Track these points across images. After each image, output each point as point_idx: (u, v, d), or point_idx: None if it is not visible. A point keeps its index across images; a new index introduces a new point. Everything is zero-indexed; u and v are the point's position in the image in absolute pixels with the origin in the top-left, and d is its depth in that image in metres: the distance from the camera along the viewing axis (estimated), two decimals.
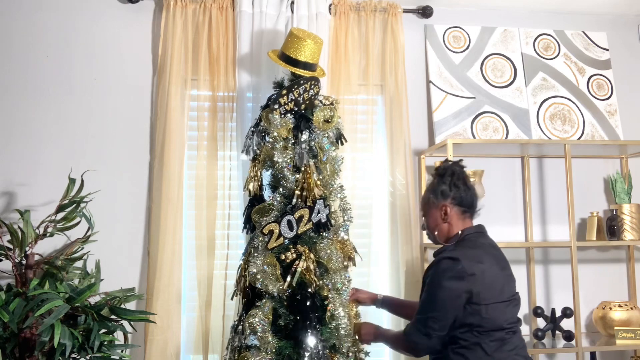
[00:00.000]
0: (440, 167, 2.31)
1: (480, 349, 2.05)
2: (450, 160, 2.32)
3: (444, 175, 2.25)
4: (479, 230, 2.24)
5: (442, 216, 2.23)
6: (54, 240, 2.72)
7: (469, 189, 2.24)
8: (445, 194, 2.22)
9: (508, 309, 2.12)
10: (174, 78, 2.91)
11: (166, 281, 2.77)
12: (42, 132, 2.93)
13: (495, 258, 2.17)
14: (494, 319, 2.06)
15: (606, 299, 3.17)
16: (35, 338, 2.30)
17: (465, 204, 2.23)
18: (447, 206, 2.22)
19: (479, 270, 2.07)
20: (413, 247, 2.97)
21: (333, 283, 2.28)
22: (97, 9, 3.04)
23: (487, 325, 2.05)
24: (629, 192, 3.18)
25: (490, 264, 2.12)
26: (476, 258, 2.10)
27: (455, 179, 2.23)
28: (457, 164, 2.28)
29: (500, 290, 2.11)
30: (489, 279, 2.08)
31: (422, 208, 2.34)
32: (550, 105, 3.27)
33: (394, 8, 3.14)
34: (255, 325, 2.19)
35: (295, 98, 2.44)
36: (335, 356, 2.25)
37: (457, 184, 2.23)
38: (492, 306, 2.06)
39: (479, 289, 2.05)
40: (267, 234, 2.28)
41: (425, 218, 2.32)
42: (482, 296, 2.05)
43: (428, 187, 2.32)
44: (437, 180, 2.28)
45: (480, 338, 2.05)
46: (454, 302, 2.06)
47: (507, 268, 2.19)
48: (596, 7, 3.37)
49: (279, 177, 2.40)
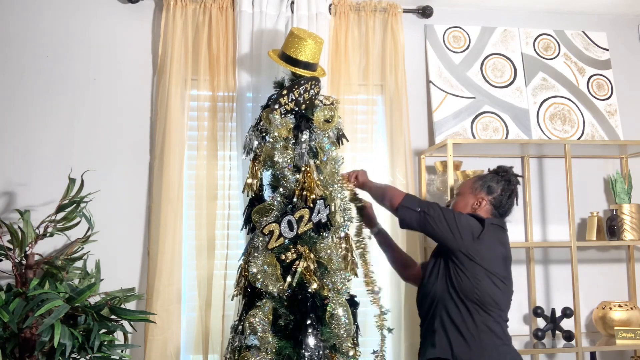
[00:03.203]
0: (502, 168, 2.40)
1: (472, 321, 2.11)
2: (513, 170, 2.41)
3: (502, 177, 2.35)
4: (501, 225, 2.31)
5: (474, 205, 2.32)
6: (54, 240, 2.72)
7: (511, 200, 2.34)
8: (490, 190, 2.32)
9: (504, 296, 2.17)
10: (174, 78, 2.91)
11: (166, 281, 2.77)
12: (42, 132, 2.93)
13: (507, 252, 2.25)
14: (487, 291, 2.11)
15: (606, 299, 3.17)
16: (35, 338, 2.30)
17: (500, 209, 2.33)
18: (485, 200, 2.31)
19: (497, 238, 2.19)
20: (414, 249, 2.97)
21: (333, 283, 2.28)
22: (97, 9, 3.04)
23: (481, 297, 2.10)
24: (629, 192, 3.18)
25: (504, 253, 2.21)
26: (496, 236, 2.21)
27: (507, 185, 2.33)
28: (517, 176, 2.38)
29: (505, 270, 2.18)
30: (499, 254, 2.17)
31: (461, 188, 2.42)
32: (550, 105, 3.27)
33: (394, 8, 3.14)
34: (256, 325, 2.19)
35: (295, 98, 2.44)
36: (335, 356, 2.25)
37: (505, 190, 2.32)
38: (490, 276, 2.12)
39: (487, 251, 2.13)
40: (267, 234, 2.27)
41: (458, 197, 2.40)
42: (485, 260, 2.12)
43: (479, 176, 2.42)
44: (491, 176, 2.37)
45: (477, 315, 2.11)
46: (460, 222, 2.15)
47: (509, 269, 2.24)
48: (596, 7, 3.37)
49: (279, 177, 2.39)
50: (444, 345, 2.11)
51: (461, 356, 2.08)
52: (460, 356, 2.07)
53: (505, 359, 2.13)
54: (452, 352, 2.09)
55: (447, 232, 2.16)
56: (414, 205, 2.25)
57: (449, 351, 2.09)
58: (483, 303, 2.11)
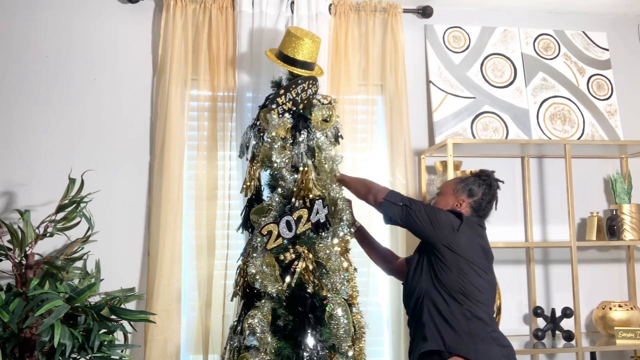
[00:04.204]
0: (484, 172, 2.42)
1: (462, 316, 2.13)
2: (494, 175, 2.44)
3: (483, 181, 2.37)
4: (480, 224, 2.33)
5: (454, 206, 2.34)
6: (54, 240, 2.72)
7: (490, 205, 2.37)
8: (471, 193, 2.34)
9: (489, 287, 2.20)
10: (174, 78, 2.91)
11: (166, 281, 2.78)
12: (42, 132, 2.93)
13: (486, 247, 2.29)
14: (471, 281, 2.14)
15: (606, 299, 3.17)
16: (35, 338, 2.30)
17: (479, 212, 2.35)
18: (465, 202, 2.33)
19: (475, 232, 2.23)
20: (413, 248, 2.97)
21: (332, 283, 2.28)
22: (97, 9, 3.04)
23: (465, 287, 2.13)
24: (629, 192, 3.18)
25: (483, 246, 2.26)
26: (476, 230, 2.25)
27: (487, 190, 2.35)
28: (497, 181, 2.40)
29: (486, 261, 2.23)
30: (478, 245, 2.22)
31: (443, 187, 2.44)
32: (550, 105, 3.27)
33: (394, 8, 3.13)
34: (255, 325, 2.19)
35: (293, 97, 2.44)
36: (335, 356, 2.25)
37: (486, 194, 2.34)
38: (472, 266, 2.15)
39: (467, 241, 2.18)
40: (265, 234, 2.27)
41: (439, 197, 2.42)
42: (465, 250, 2.16)
43: (461, 178, 2.43)
44: (473, 179, 2.38)
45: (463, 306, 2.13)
46: (440, 217, 2.20)
47: (490, 264, 2.29)
48: (596, 7, 3.37)
49: (278, 177, 2.40)
50: (435, 337, 2.12)
51: (453, 346, 2.09)
52: (453, 346, 2.09)
53: (496, 344, 2.14)
54: (444, 343, 2.10)
55: (428, 224, 2.20)
56: (397, 199, 2.29)
57: (441, 343, 2.11)
58: (468, 293, 2.14)
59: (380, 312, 2.96)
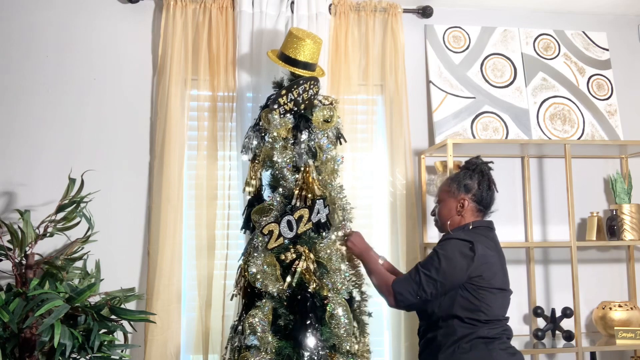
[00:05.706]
0: (470, 162, 2.35)
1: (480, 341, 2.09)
2: (481, 158, 2.36)
3: (473, 171, 2.31)
4: (489, 226, 2.30)
5: (457, 208, 2.29)
6: (54, 240, 2.72)
7: (491, 190, 2.30)
8: (468, 188, 2.28)
9: (504, 301, 2.19)
10: (174, 78, 2.91)
11: (166, 281, 2.77)
12: (42, 132, 2.93)
13: (499, 255, 2.23)
14: (492, 307, 2.11)
15: (606, 299, 3.17)
16: (35, 338, 2.30)
17: (483, 203, 2.29)
18: (466, 200, 2.28)
19: (489, 255, 2.14)
20: (413, 247, 2.98)
21: (333, 283, 2.28)
22: (97, 9, 3.04)
23: (486, 313, 2.10)
24: (629, 192, 3.18)
25: (498, 256, 2.20)
26: (486, 244, 2.17)
27: (481, 177, 2.29)
28: (487, 164, 2.34)
29: (502, 281, 2.18)
30: (495, 267, 2.15)
31: (440, 194, 2.38)
32: (550, 105, 3.27)
33: (394, 8, 3.14)
34: (255, 325, 2.19)
35: (294, 98, 2.44)
36: (335, 356, 2.25)
37: (482, 183, 2.28)
38: (493, 292, 2.11)
39: (486, 272, 2.11)
40: (266, 234, 2.28)
41: (440, 205, 2.36)
42: (487, 279, 2.10)
43: (452, 177, 2.36)
44: (463, 173, 2.33)
45: (478, 329, 2.10)
46: (456, 275, 2.10)
47: (506, 269, 2.23)
48: (596, 7, 3.37)
49: (279, 177, 2.40)
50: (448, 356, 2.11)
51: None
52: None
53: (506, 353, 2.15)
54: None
55: (448, 284, 2.11)
56: (412, 296, 2.15)
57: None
58: (488, 318, 2.12)
59: (381, 312, 2.96)
